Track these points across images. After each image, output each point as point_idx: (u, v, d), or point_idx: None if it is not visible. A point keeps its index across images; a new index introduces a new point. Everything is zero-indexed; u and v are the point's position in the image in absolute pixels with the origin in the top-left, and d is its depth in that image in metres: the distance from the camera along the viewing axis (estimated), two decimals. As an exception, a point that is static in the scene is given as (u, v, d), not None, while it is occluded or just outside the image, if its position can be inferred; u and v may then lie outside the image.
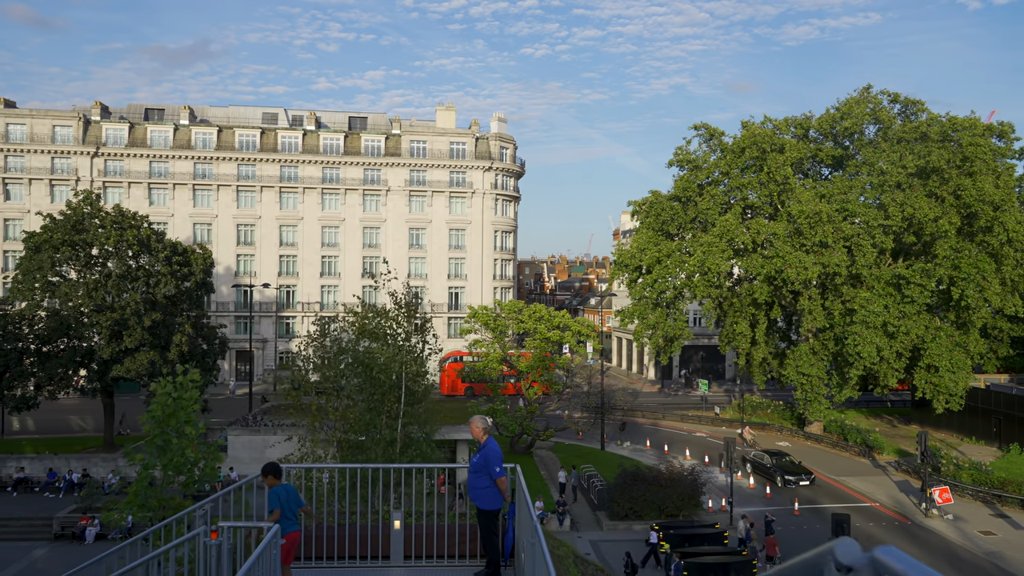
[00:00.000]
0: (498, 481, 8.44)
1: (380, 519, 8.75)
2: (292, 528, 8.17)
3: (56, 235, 40.13)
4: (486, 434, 8.58)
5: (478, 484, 8.45)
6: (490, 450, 8.49)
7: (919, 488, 37.44)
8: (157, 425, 12.61)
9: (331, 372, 16.64)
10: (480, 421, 8.63)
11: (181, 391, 12.61)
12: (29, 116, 71.86)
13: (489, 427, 8.68)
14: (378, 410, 15.42)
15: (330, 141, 76.61)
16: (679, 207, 49.99)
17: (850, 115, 48.41)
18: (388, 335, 16.54)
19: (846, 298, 44.19)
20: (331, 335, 17.71)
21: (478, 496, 8.46)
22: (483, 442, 8.59)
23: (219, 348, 46.64)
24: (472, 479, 8.52)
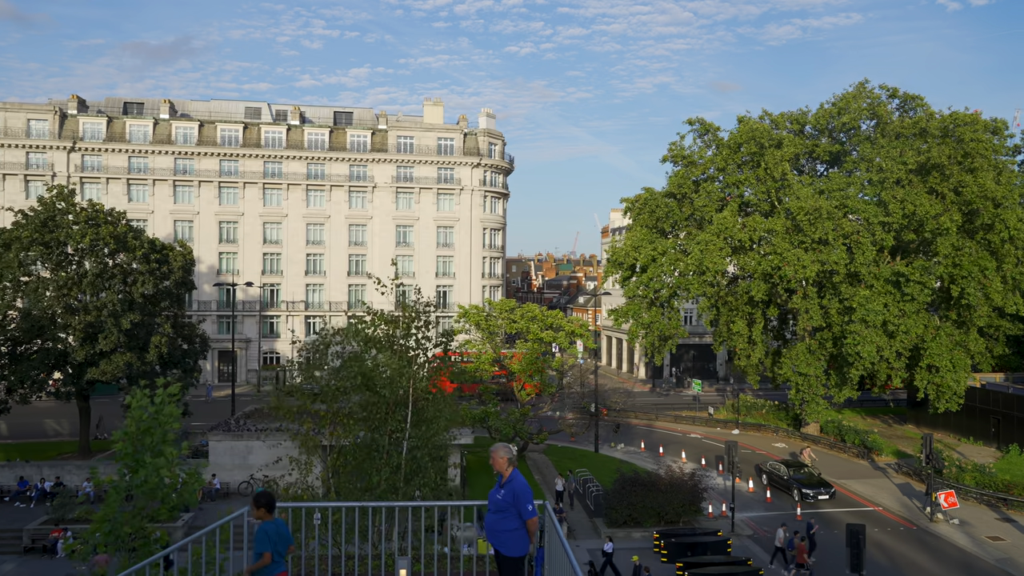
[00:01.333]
0: (529, 523, 7.11)
1: (383, 565, 7.38)
2: (279, 570, 7.09)
3: (26, 232, 38.37)
4: (511, 466, 7.24)
5: (503, 527, 7.09)
6: (519, 485, 7.13)
7: (923, 492, 36.48)
8: (130, 443, 11.15)
9: (330, 384, 15.13)
10: (504, 451, 7.29)
11: (159, 405, 11.15)
12: (2, 110, 69.65)
13: (514, 458, 7.33)
14: (381, 430, 14.06)
15: (315, 136, 74.90)
16: (674, 204, 48.87)
17: (847, 110, 47.44)
18: (397, 346, 15.07)
19: (844, 296, 43.19)
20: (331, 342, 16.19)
21: (503, 542, 7.11)
22: (508, 475, 7.24)
23: (200, 348, 44.98)
24: (494, 521, 7.16)
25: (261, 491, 7.11)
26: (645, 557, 29.02)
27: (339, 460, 13.91)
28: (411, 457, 13.74)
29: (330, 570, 6.77)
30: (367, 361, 14.56)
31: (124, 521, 11.34)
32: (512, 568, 7.07)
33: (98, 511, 11.65)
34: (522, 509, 7.01)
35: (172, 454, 11.00)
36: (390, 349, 14.37)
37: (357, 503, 7.44)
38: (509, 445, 7.34)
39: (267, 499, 7.07)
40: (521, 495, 7.02)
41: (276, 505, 7.08)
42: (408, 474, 13.50)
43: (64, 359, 39.71)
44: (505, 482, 7.20)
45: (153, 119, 72.33)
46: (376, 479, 12.95)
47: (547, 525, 7.41)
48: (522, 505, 7.01)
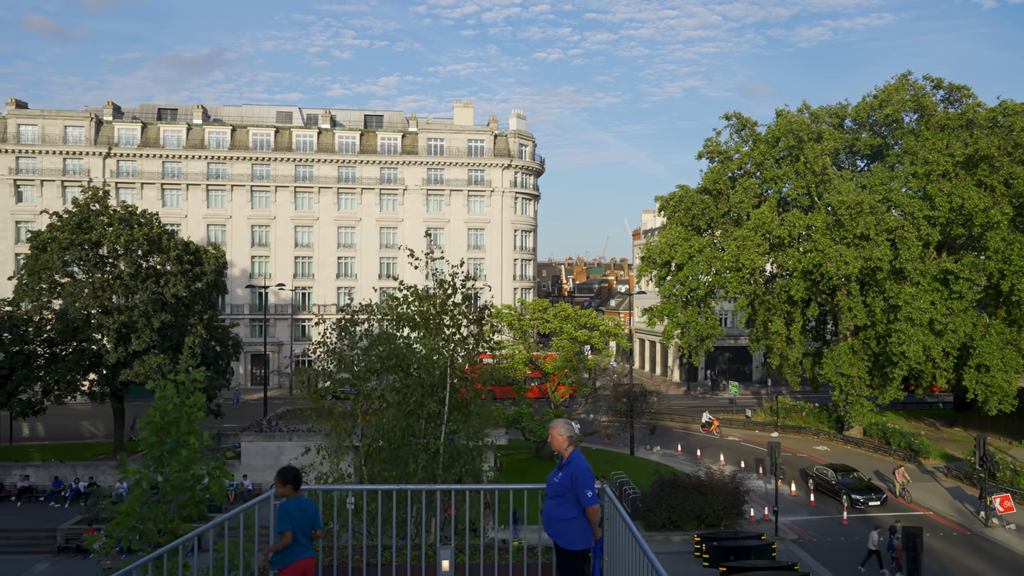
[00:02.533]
0: (589, 511, 6.24)
1: (423, 556, 6.67)
2: (305, 555, 6.48)
3: (63, 234, 38.55)
4: (572, 445, 6.43)
5: (561, 514, 6.27)
6: (578, 467, 6.27)
7: (976, 496, 34.97)
8: (155, 434, 10.62)
9: (359, 367, 14.36)
10: (564, 427, 6.47)
11: (184, 394, 10.60)
12: (41, 117, 70.75)
13: (576, 436, 6.58)
14: (417, 414, 13.31)
15: (345, 140, 74.96)
16: (710, 200, 47.76)
17: (890, 102, 45.96)
18: (432, 324, 14.23)
19: (889, 294, 41.73)
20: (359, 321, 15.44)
21: (560, 532, 6.28)
22: (567, 456, 6.42)
23: (232, 350, 44.91)
24: (551, 508, 6.36)
25: (286, 466, 6.48)
26: (684, 561, 28.07)
27: (372, 446, 13.16)
28: (450, 442, 12.98)
29: (364, 560, 6.10)
30: (399, 340, 13.87)
31: (148, 516, 10.84)
32: (569, 563, 6.29)
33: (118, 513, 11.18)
34: (580, 495, 6.21)
35: (196, 445, 10.46)
36: (424, 327, 13.60)
37: (395, 486, 6.74)
38: (571, 421, 6.57)
39: (293, 474, 6.44)
40: (580, 479, 6.23)
41: (301, 479, 6.49)
42: (447, 461, 12.74)
43: (98, 360, 39.81)
44: (564, 463, 6.40)
45: (186, 124, 72.93)
46: (413, 467, 12.21)
47: (610, 512, 6.65)
48: (580, 490, 6.20)
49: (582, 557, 6.34)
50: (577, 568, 6.30)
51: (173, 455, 10.54)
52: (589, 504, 6.25)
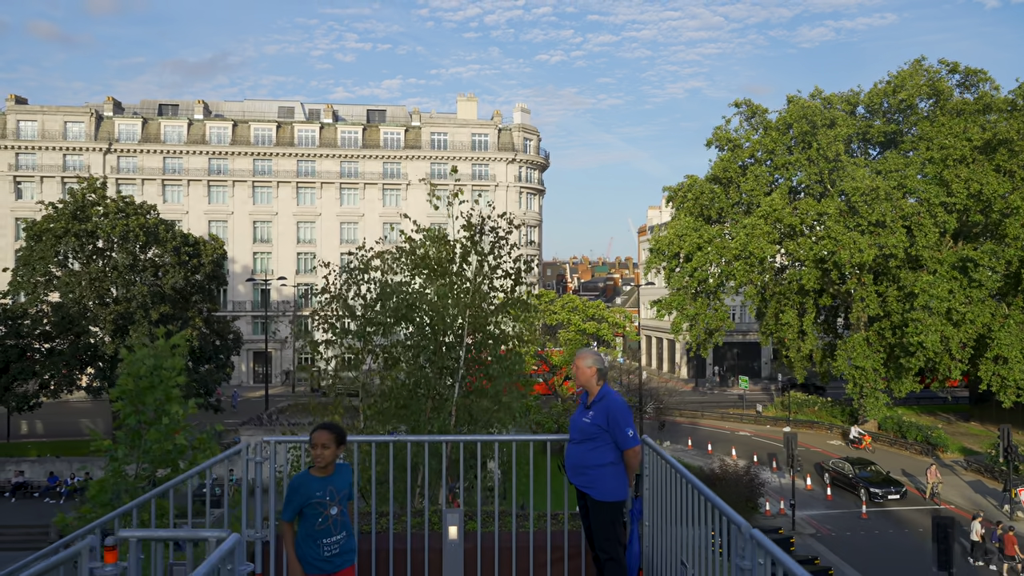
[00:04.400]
0: (628, 454, 5.24)
1: (426, 523, 5.67)
2: (346, 563, 4.75)
3: (58, 224, 37.69)
4: (602, 379, 5.39)
5: (593, 460, 5.24)
6: (613, 403, 5.24)
7: (1000, 489, 33.87)
8: (129, 403, 9.65)
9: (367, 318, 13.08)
10: (592, 358, 5.41)
11: (159, 358, 9.63)
12: (40, 112, 69.98)
13: (606, 369, 5.55)
14: (428, 370, 12.22)
15: (348, 134, 74.02)
16: (719, 190, 46.67)
17: (904, 87, 44.81)
18: (451, 271, 12.95)
19: (904, 283, 40.59)
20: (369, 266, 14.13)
21: (591, 481, 5.24)
22: (596, 392, 5.35)
23: (232, 344, 43.98)
24: (579, 454, 5.32)
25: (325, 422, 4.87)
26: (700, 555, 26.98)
27: (376, 404, 12.05)
28: (467, 403, 11.88)
29: (357, 527, 5.12)
30: (410, 289, 12.79)
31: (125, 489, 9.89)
32: (605, 517, 5.25)
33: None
34: (619, 435, 5.19)
35: (180, 414, 9.49)
36: (442, 276, 12.43)
37: (392, 436, 5.75)
38: (598, 352, 5.54)
39: (337, 429, 4.73)
40: (618, 416, 5.21)
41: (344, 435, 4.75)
42: (461, 421, 11.68)
43: (96, 354, 38.93)
44: (593, 401, 5.35)
45: (187, 120, 72.09)
46: (424, 428, 11.14)
47: (651, 463, 5.64)
48: (619, 430, 5.17)
49: (619, 511, 5.34)
50: (615, 523, 5.28)
51: (152, 426, 9.58)
52: (630, 445, 5.22)
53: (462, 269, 12.69)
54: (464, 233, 13.00)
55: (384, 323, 12.32)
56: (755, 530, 3.56)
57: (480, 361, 12.51)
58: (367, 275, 13.41)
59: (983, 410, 51.69)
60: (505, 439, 5.98)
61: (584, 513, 5.42)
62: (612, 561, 5.26)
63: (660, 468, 5.40)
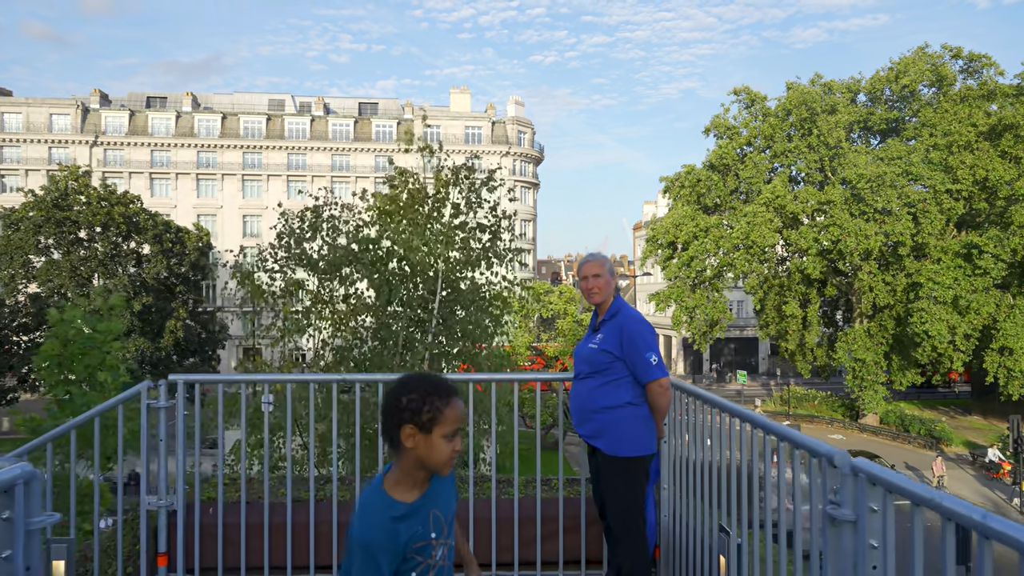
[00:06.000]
0: (654, 388, 3.91)
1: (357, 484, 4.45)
2: None
3: (38, 212, 36.45)
4: (612, 291, 4.11)
5: (604, 399, 3.91)
6: (628, 319, 3.96)
7: (1009, 483, 32.91)
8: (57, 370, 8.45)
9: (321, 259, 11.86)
10: (603, 261, 4.08)
11: (95, 319, 8.43)
12: (25, 105, 68.57)
13: (617, 278, 4.40)
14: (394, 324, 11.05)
15: (339, 127, 72.76)
16: (717, 178, 45.60)
17: (906, 73, 43.83)
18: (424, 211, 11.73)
19: (910, 271, 39.62)
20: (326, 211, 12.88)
21: (607, 427, 3.90)
22: (608, 307, 4.07)
23: (219, 337, 42.79)
24: (588, 392, 3.99)
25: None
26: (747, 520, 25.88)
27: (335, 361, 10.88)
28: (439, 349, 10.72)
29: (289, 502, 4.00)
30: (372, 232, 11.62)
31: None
32: (619, 478, 3.92)
33: None
34: (637, 363, 3.90)
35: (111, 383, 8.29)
36: (413, 223, 11.26)
37: (336, 376, 4.50)
38: (607, 257, 4.37)
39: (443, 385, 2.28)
40: (636, 335, 3.91)
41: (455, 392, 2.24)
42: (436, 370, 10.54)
43: (76, 346, 37.68)
44: (603, 319, 4.07)
45: (175, 112, 70.76)
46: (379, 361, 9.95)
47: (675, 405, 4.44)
48: (637, 355, 3.88)
49: (641, 469, 4.03)
50: (634, 486, 3.94)
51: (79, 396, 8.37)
52: (653, 376, 3.91)
53: (437, 215, 11.52)
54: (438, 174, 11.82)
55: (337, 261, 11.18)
56: (862, 459, 2.42)
57: (451, 319, 11.37)
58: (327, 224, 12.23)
59: (985, 404, 50.80)
60: (484, 378, 4.73)
61: (594, 473, 4.15)
62: (630, 537, 3.92)
63: (685, 408, 4.16)
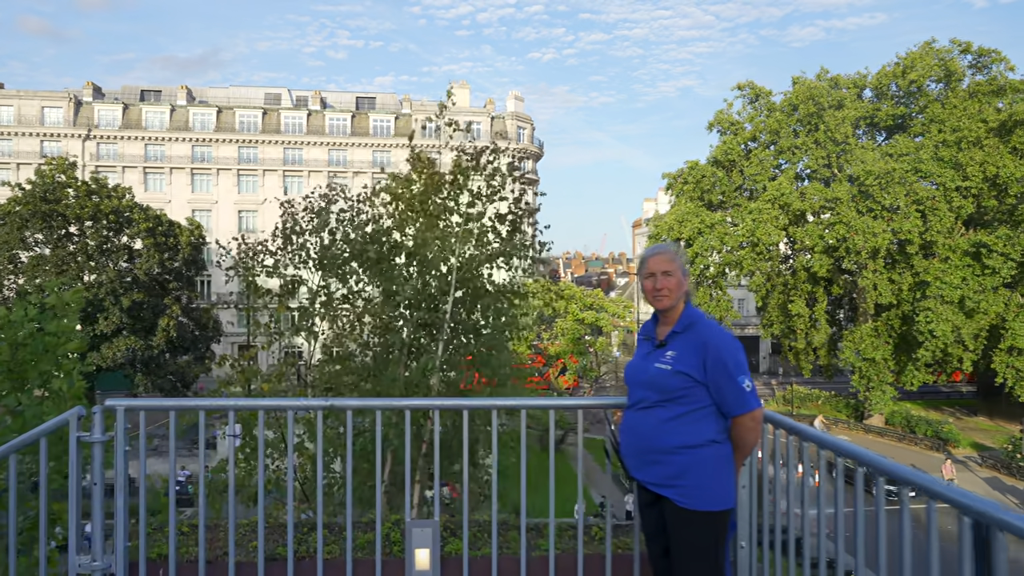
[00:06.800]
0: (744, 422, 3.14)
1: (378, 543, 3.50)
2: None
3: (24, 206, 35.51)
4: (683, 294, 3.20)
5: (678, 436, 3.08)
6: (714, 334, 3.12)
7: (1022, 487, 32.14)
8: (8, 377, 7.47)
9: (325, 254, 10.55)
10: (672, 256, 3.20)
11: (46, 318, 7.43)
12: (16, 97, 67.51)
13: (689, 277, 3.46)
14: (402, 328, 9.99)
15: (336, 121, 71.78)
16: (721, 174, 44.78)
17: (914, 68, 42.99)
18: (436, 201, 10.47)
19: (917, 270, 38.83)
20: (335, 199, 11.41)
21: (679, 472, 3.09)
22: (678, 313, 3.19)
23: (213, 334, 41.89)
24: (650, 425, 3.14)
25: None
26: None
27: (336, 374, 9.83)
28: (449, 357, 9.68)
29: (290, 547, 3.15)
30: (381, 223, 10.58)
31: None
32: (699, 539, 3.11)
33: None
34: (728, 390, 3.05)
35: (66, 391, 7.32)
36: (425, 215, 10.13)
37: (324, 401, 3.58)
38: (679, 249, 3.38)
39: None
40: (727, 356, 3.04)
41: None
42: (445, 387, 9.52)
43: (64, 344, 36.77)
44: (673, 331, 3.16)
45: (170, 105, 69.76)
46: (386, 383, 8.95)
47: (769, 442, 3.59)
48: (727, 380, 3.04)
49: (724, 527, 3.23)
50: (716, 549, 3.16)
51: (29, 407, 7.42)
52: (748, 407, 3.08)
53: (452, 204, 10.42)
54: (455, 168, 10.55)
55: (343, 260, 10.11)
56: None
57: (465, 322, 10.29)
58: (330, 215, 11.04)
59: (992, 405, 50.06)
60: (514, 404, 3.74)
61: (653, 528, 3.32)
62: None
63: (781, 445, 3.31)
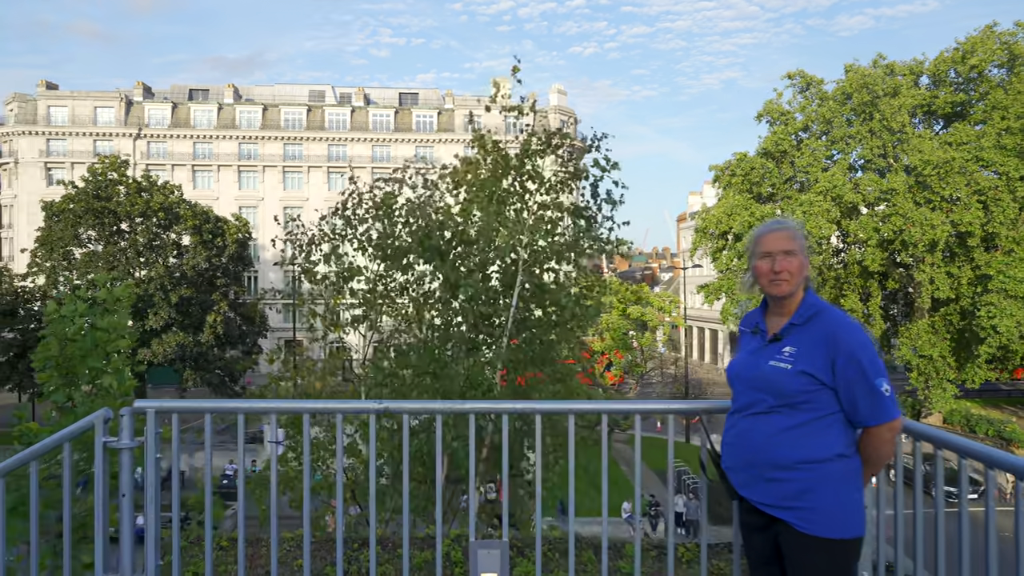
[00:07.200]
0: (881, 433, 2.71)
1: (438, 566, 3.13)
2: None
3: (77, 203, 36.21)
4: (804, 278, 2.83)
5: (801, 448, 2.66)
6: (840, 324, 2.68)
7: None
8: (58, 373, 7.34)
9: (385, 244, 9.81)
10: (793, 233, 2.82)
11: (96, 313, 7.27)
12: (71, 98, 69.23)
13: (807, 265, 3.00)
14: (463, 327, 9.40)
15: (379, 117, 72.12)
16: (771, 166, 43.57)
17: (974, 53, 41.22)
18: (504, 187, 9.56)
19: (978, 263, 37.31)
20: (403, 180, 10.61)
21: (806, 489, 2.66)
22: (796, 302, 2.82)
23: (260, 329, 42.28)
24: (764, 434, 2.79)
25: None
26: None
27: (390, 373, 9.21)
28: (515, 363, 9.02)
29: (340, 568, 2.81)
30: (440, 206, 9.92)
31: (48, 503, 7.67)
32: (830, 570, 2.74)
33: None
34: (862, 394, 2.62)
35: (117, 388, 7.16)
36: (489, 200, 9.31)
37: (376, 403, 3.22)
38: (800, 225, 2.97)
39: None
40: (860, 354, 2.62)
41: None
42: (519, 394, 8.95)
43: (116, 339, 37.46)
44: (791, 323, 2.79)
45: (217, 104, 70.84)
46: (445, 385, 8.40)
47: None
48: (864, 384, 2.61)
49: (853, 556, 2.80)
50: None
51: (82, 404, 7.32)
52: (889, 417, 2.66)
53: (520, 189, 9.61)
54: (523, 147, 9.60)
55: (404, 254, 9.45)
56: None
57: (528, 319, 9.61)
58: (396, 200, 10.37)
59: (1056, 403, 48.08)
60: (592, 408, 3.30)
61: (763, 556, 2.94)
62: None
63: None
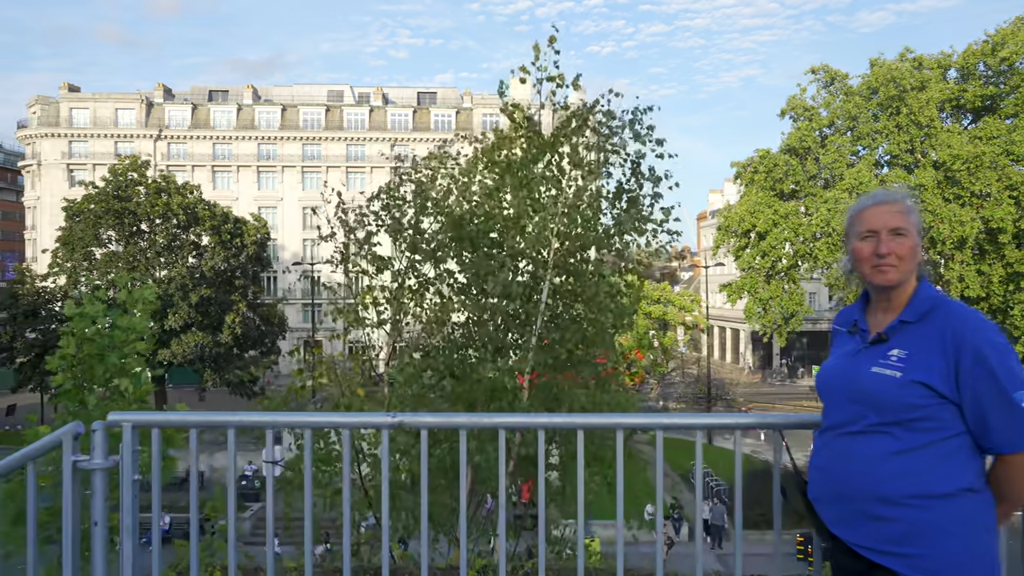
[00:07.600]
0: (1018, 464, 2.07)
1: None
2: None
3: (97, 204, 36.27)
4: (916, 265, 2.18)
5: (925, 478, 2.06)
6: (966, 322, 2.10)
7: None
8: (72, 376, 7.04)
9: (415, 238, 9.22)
10: (905, 209, 2.20)
11: (116, 314, 6.97)
12: (92, 100, 69.76)
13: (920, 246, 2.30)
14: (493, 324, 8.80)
15: (398, 117, 72.00)
16: (795, 162, 42.79)
17: (1005, 45, 40.23)
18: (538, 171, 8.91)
19: (1010, 260, 36.42)
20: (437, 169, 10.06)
21: (924, 531, 2.05)
22: (912, 291, 2.21)
23: (279, 329, 42.20)
24: (866, 458, 2.14)
25: None
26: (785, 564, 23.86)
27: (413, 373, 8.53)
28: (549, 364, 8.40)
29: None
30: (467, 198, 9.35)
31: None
32: None
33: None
34: (997, 410, 2.03)
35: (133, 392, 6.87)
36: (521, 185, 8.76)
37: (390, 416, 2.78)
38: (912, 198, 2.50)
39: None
40: (993, 359, 2.05)
41: None
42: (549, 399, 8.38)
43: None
44: (898, 320, 2.22)
45: (236, 105, 71.07)
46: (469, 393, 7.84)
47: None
48: (999, 398, 2.02)
49: None
50: None
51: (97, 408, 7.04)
52: (1022, 445, 2.08)
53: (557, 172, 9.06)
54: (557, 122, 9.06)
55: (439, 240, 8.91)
56: None
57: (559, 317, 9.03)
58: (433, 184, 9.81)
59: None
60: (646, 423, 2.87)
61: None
62: None
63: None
